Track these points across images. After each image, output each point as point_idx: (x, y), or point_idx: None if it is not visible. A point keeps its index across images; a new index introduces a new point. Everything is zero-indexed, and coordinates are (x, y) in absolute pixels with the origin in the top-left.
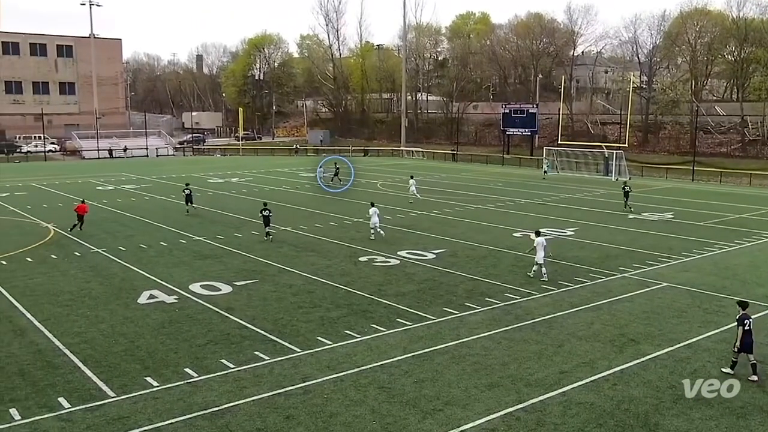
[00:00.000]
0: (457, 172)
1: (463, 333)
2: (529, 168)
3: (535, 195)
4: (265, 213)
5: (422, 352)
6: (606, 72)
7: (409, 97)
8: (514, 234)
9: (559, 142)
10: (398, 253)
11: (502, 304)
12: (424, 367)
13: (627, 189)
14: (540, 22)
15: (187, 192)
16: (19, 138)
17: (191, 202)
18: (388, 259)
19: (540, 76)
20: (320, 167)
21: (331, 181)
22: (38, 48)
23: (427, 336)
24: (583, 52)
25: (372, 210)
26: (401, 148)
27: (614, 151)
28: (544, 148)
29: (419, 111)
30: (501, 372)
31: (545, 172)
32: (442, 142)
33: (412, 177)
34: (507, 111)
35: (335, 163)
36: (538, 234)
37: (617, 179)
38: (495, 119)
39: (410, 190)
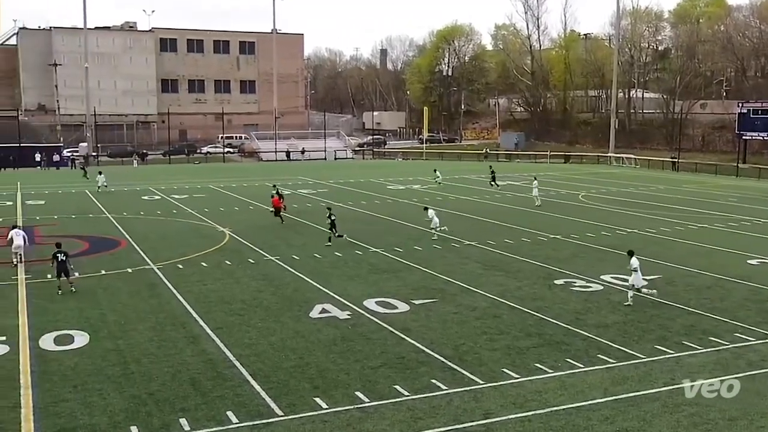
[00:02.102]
0: (678, 184)
1: (679, 377)
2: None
3: None
4: (333, 218)
5: (627, 396)
6: None
7: (621, 94)
8: (749, 261)
9: None
10: (601, 277)
11: (731, 345)
12: (629, 415)
13: None
14: None
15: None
16: (220, 138)
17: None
18: (588, 284)
19: None
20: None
21: (491, 185)
22: (221, 45)
23: (634, 377)
24: None
25: (430, 212)
26: (609, 154)
27: None
28: None
29: (632, 111)
30: (727, 429)
31: None
32: (659, 148)
33: (535, 178)
34: (744, 111)
35: (490, 166)
36: (631, 254)
37: None
38: (728, 121)
39: (533, 192)
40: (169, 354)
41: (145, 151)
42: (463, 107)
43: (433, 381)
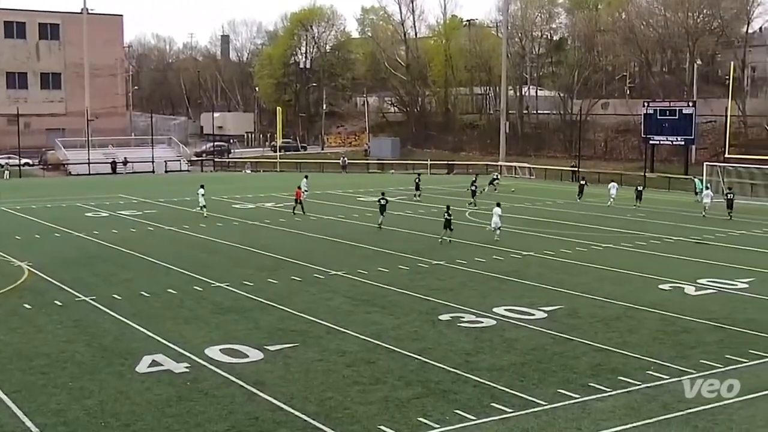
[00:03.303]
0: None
1: (587, 426)
2: (682, 192)
3: (692, 230)
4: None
5: None
6: None
7: (512, 92)
8: (660, 286)
9: (726, 155)
10: (494, 309)
11: (644, 385)
12: None
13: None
14: None
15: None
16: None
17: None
18: (479, 319)
19: (699, 62)
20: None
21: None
22: (15, 28)
23: (535, 428)
24: (761, 28)
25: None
26: (500, 163)
27: None
28: (705, 163)
29: (525, 111)
30: None
31: (697, 193)
32: (557, 155)
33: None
34: (651, 111)
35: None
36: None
37: None
38: (633, 123)
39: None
40: None
41: None
42: (325, 107)
43: None
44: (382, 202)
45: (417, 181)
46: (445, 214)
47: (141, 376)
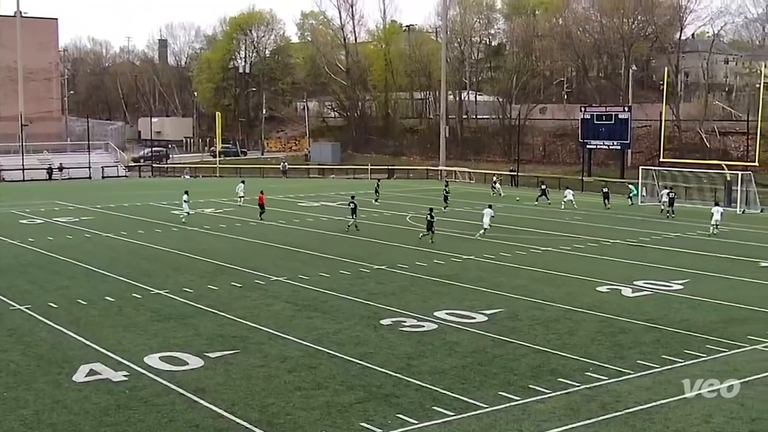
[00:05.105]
0: (518, 201)
1: (528, 427)
2: (618, 195)
3: (628, 233)
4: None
5: None
6: (726, 62)
7: (451, 96)
8: (597, 288)
9: (661, 159)
10: (435, 313)
11: (582, 386)
12: None
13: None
14: None
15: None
16: None
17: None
18: (420, 323)
19: (634, 67)
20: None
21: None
22: None
23: (477, 431)
24: (694, 34)
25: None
26: (440, 167)
27: (739, 172)
28: (640, 167)
29: (465, 116)
30: None
31: (630, 197)
32: (496, 159)
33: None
34: (587, 116)
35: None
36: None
37: (743, 211)
38: (571, 127)
39: (484, 220)
40: None
41: None
42: (264, 112)
43: None
44: (351, 205)
45: (377, 186)
46: (428, 216)
47: (78, 385)
